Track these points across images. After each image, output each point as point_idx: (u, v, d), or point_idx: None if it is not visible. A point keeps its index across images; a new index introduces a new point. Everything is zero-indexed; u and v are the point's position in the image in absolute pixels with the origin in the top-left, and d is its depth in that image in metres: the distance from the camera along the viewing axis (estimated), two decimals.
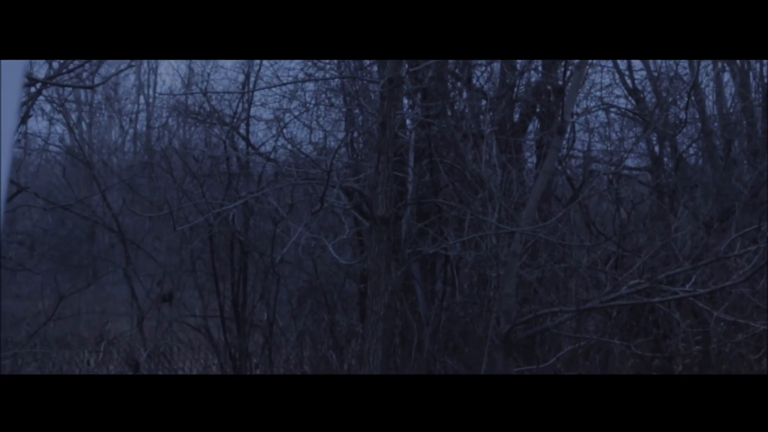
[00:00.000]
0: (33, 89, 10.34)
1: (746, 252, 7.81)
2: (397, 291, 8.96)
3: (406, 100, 9.72)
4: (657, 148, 11.15)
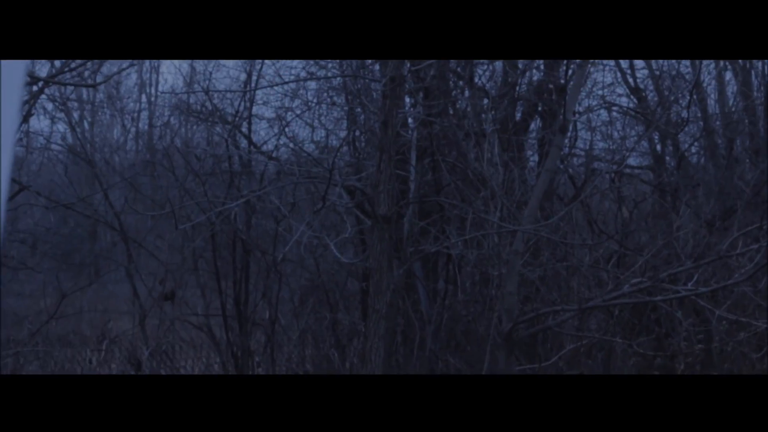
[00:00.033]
0: (35, 88, 10.34)
1: (748, 250, 7.81)
2: (399, 289, 8.96)
3: (408, 99, 9.73)
4: (659, 147, 11.15)
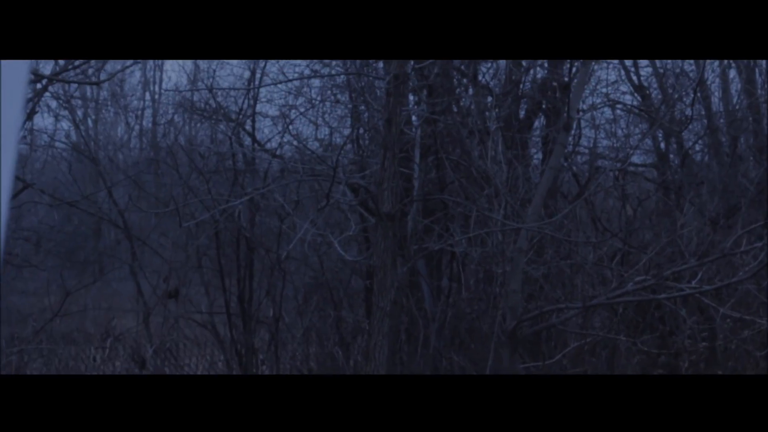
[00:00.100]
0: (39, 85, 10.36)
1: (752, 248, 7.81)
2: (403, 287, 8.96)
3: (412, 97, 9.72)
4: (663, 145, 11.13)
